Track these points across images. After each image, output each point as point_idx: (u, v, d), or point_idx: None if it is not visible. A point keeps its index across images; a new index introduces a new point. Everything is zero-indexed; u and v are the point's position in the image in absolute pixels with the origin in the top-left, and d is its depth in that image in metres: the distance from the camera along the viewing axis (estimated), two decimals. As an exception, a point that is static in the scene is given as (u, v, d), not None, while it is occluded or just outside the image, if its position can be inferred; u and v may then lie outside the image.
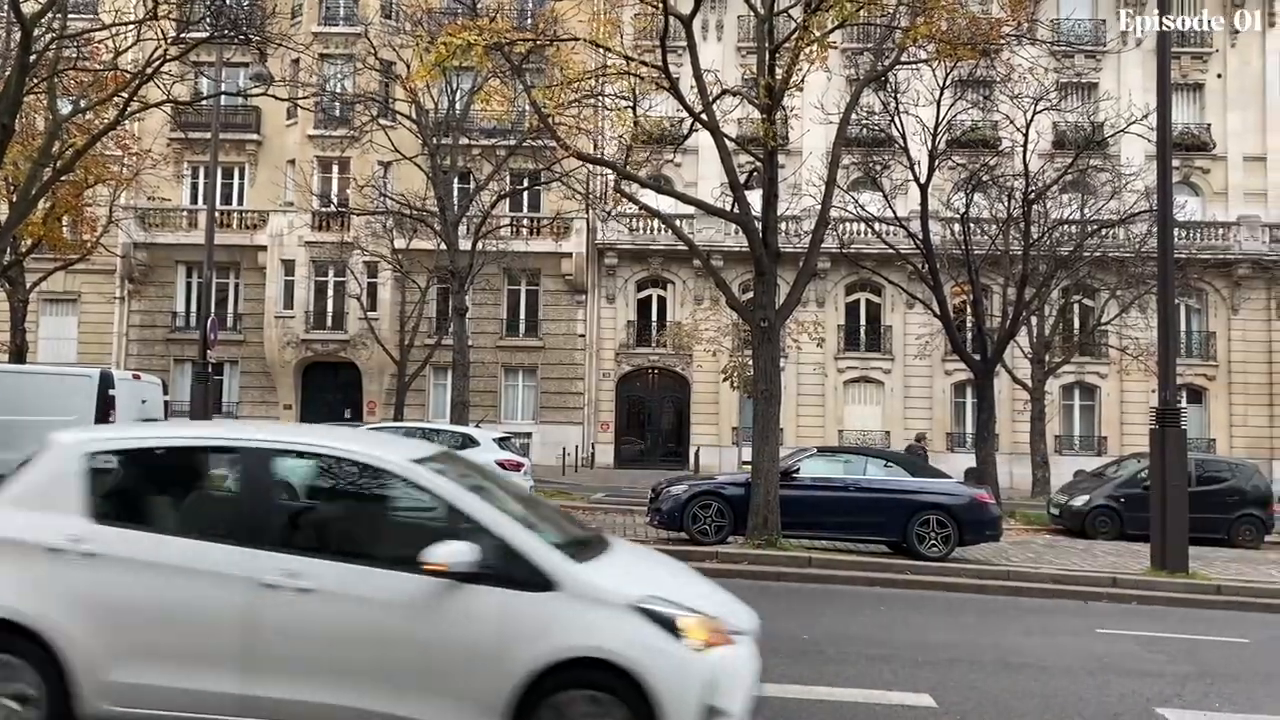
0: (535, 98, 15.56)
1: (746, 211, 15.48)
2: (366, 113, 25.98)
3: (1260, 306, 34.53)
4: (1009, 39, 18.28)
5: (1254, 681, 8.48)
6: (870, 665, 8.16)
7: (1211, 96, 35.58)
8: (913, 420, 34.46)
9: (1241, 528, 19.58)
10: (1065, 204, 26.68)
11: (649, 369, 35.94)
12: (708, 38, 34.79)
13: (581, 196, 24.14)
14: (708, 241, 31.58)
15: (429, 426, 19.15)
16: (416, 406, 32.76)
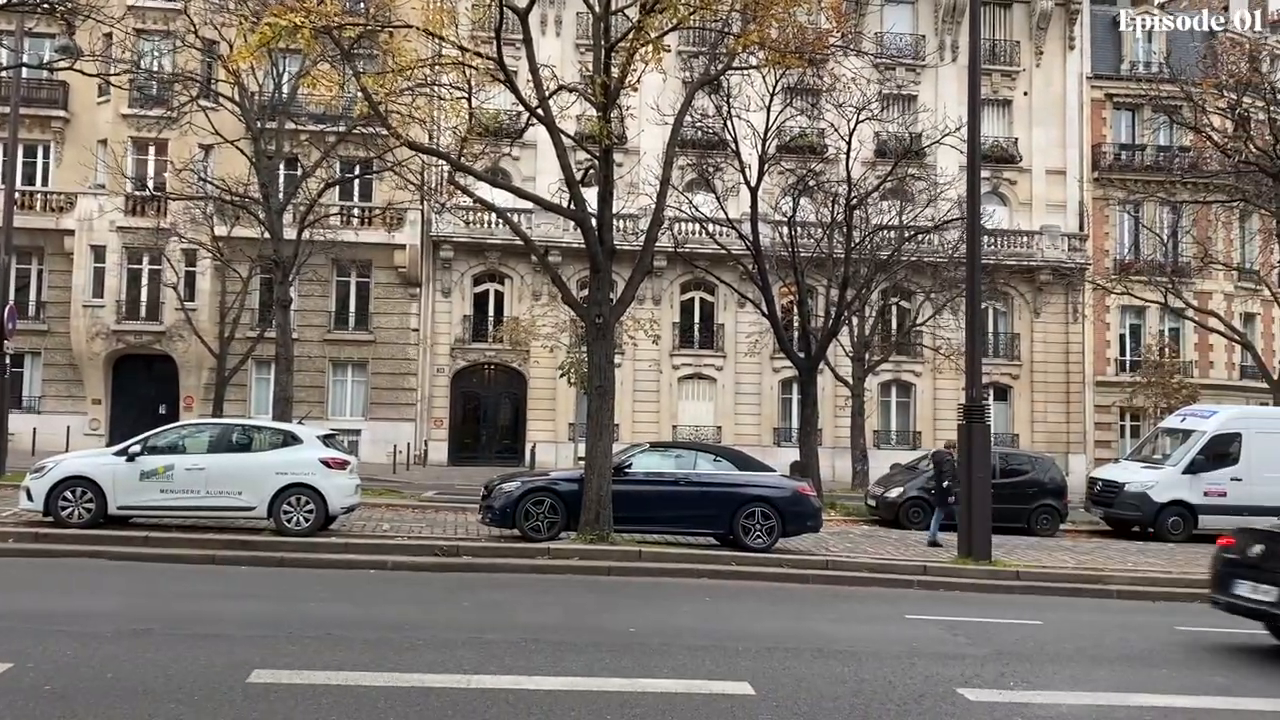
0: (365, 84, 15.16)
1: (583, 209, 15.56)
2: (186, 93, 24.67)
3: (1059, 310, 37.11)
4: (834, 49, 19.02)
5: (1045, 661, 9.12)
6: (693, 656, 8.36)
7: (1019, 112, 37.96)
8: (742, 416, 35.42)
9: (1040, 517, 20.99)
10: (885, 210, 27.99)
11: (485, 365, 35.60)
12: (546, 33, 34.70)
13: (415, 187, 23.64)
14: (545, 237, 31.52)
15: (248, 423, 18.36)
16: (237, 402, 31.41)
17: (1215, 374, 37.42)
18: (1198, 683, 8.47)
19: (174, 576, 11.64)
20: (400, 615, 9.90)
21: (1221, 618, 12.23)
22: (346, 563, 13.11)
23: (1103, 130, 38.23)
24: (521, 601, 11.07)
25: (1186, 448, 22.01)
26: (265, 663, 7.32)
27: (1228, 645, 10.64)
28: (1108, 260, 37.28)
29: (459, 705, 6.55)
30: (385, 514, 17.92)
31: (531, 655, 8.08)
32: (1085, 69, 38.20)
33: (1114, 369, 37.44)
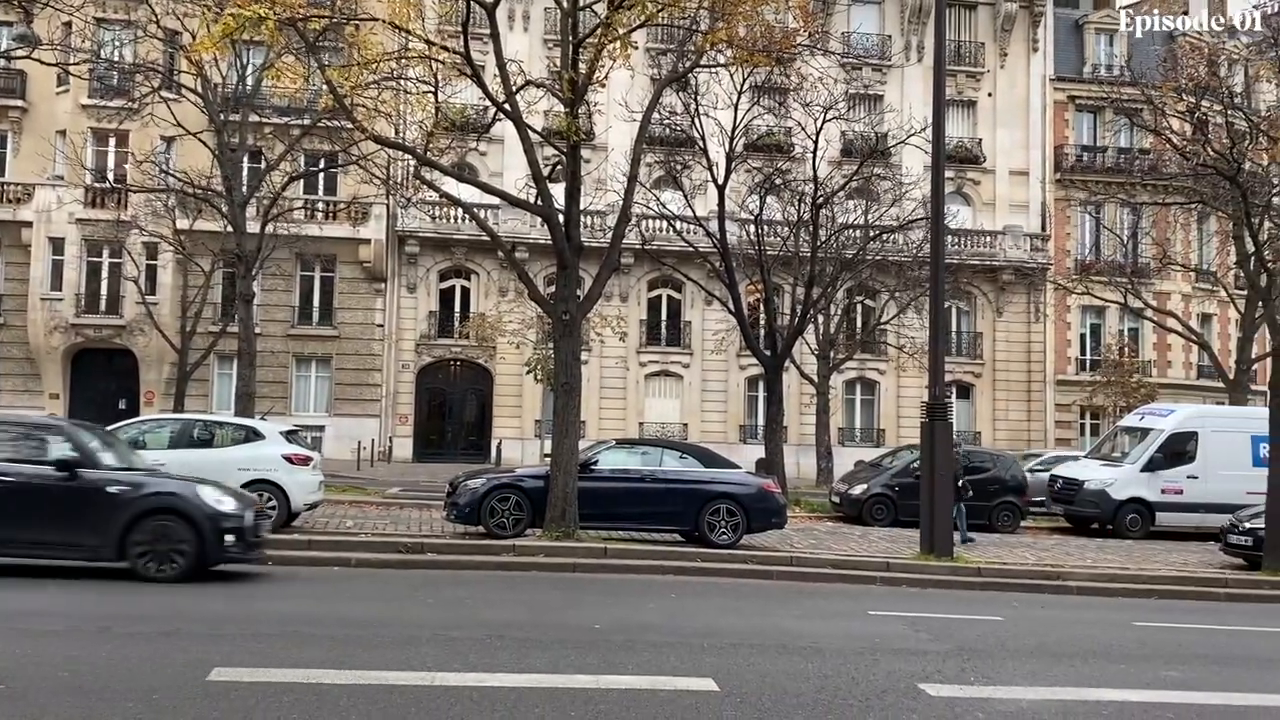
0: (331, 77, 15.01)
1: (550, 204, 15.52)
2: (147, 84, 24.33)
3: (1021, 310, 37.53)
4: (802, 48, 19.10)
5: (1005, 656, 9.23)
6: (657, 652, 8.37)
7: (983, 113, 38.33)
8: (709, 413, 35.52)
9: (1001, 513, 21.24)
10: (850, 209, 28.16)
11: (451, 361, 35.43)
12: (514, 28, 34.57)
13: (381, 182, 23.47)
14: (512, 233, 31.42)
15: (210, 419, 18.16)
16: (199, 397, 31.04)
17: (1173, 373, 38.03)
18: (1154, 677, 8.61)
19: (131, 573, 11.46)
20: (363, 613, 9.84)
21: (1178, 614, 12.44)
22: (309, 560, 12.98)
23: (1065, 132, 38.70)
24: (486, 599, 11.03)
25: (1145, 446, 22.35)
26: (225, 661, 7.24)
27: (1183, 640, 10.83)
28: (1069, 260, 37.77)
29: (422, 703, 6.52)
30: (349, 511, 17.79)
31: (496, 652, 8.05)
32: (1048, 71, 38.65)
33: (1074, 368, 37.93)
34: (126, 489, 10.76)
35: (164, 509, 10.72)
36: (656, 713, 6.57)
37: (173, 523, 10.68)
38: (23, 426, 12.08)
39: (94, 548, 10.63)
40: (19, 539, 10.58)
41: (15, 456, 10.83)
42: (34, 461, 10.75)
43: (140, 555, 10.58)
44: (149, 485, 10.99)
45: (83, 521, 10.57)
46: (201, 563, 10.81)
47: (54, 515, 10.57)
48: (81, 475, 10.65)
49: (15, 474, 10.61)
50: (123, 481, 10.86)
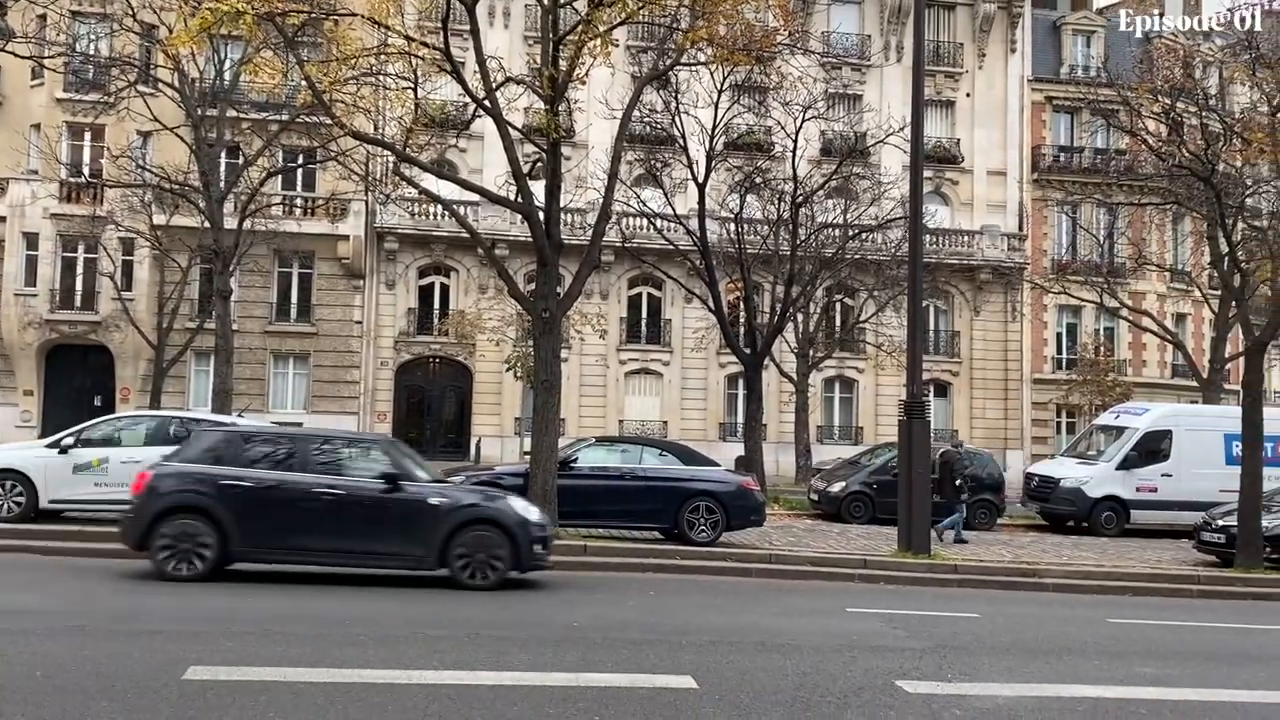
0: (309, 73, 14.94)
1: (530, 202, 15.50)
2: (123, 78, 24.08)
3: (998, 309, 37.75)
4: (781, 47, 19.14)
5: (982, 653, 9.30)
6: (636, 650, 8.38)
7: (961, 114, 38.50)
8: (689, 411, 35.54)
9: (978, 511, 21.33)
10: (830, 208, 28.23)
11: (430, 358, 35.29)
12: (494, 24, 34.45)
13: (359, 178, 23.33)
14: (492, 230, 31.32)
15: (186, 415, 17.99)
16: (176, 394, 30.81)
17: (1148, 372, 38.35)
18: (1128, 673, 8.70)
19: (107, 572, 11.39)
20: (340, 610, 9.79)
21: (1152, 611, 12.57)
22: (287, 558, 12.90)
23: (1042, 132, 38.95)
24: (464, 596, 11.00)
25: (1120, 444, 22.55)
26: (202, 659, 7.20)
27: (1157, 637, 10.94)
28: (1046, 260, 38.00)
29: (400, 700, 6.51)
30: (327, 508, 17.66)
31: (474, 650, 8.05)
32: (1026, 72, 38.87)
33: (1051, 367, 38.19)
34: (447, 501, 11.40)
35: (482, 519, 11.32)
36: (635, 710, 6.58)
37: (490, 533, 11.26)
38: (346, 441, 12.82)
39: (418, 558, 11.16)
40: (346, 549, 11.13)
41: (342, 471, 11.43)
42: (360, 476, 11.35)
43: (461, 564, 11.10)
44: (466, 497, 11.78)
45: (407, 533, 11.11)
46: (515, 570, 11.35)
47: (379, 527, 11.10)
48: (404, 488, 11.23)
49: (344, 487, 11.17)
50: (442, 494, 11.56)
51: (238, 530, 10.78)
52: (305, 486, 11.08)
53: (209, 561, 10.76)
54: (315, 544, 11.02)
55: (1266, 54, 21.61)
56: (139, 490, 11.03)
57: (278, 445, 11.69)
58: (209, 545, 10.74)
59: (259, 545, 10.97)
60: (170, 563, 10.70)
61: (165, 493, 10.90)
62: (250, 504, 10.87)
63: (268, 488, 11.02)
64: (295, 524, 10.95)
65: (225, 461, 11.20)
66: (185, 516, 10.75)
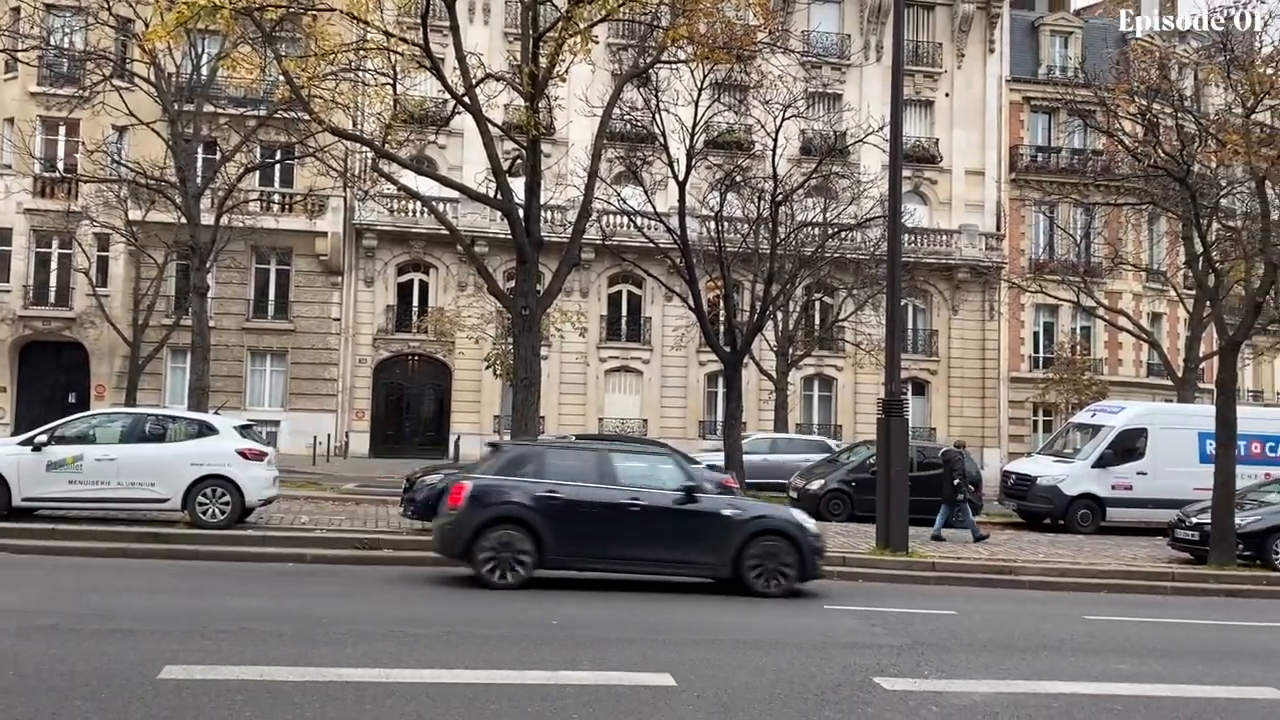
0: (287, 68, 14.84)
1: (510, 199, 15.48)
2: (99, 72, 23.84)
3: (976, 308, 37.98)
4: (762, 46, 19.15)
5: (959, 650, 9.35)
6: (615, 647, 8.38)
7: (940, 113, 38.70)
8: (668, 409, 35.56)
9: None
10: (809, 207, 28.29)
11: (409, 355, 35.16)
12: (474, 20, 34.35)
13: (338, 174, 23.19)
14: (471, 227, 31.22)
15: (162, 412, 17.84)
16: (152, 391, 30.55)
17: (1124, 371, 38.69)
18: (1103, 670, 8.77)
19: (82, 570, 11.30)
20: (318, 609, 9.73)
21: (1127, 608, 12.67)
22: (263, 556, 12.85)
23: (1020, 132, 39.20)
24: (442, 594, 10.98)
25: (1096, 443, 22.71)
26: (177, 658, 7.14)
27: (1132, 633, 11.03)
28: (1023, 260, 38.23)
29: (378, 699, 6.48)
30: (304, 506, 17.60)
31: (452, 648, 8.02)
32: (1004, 72, 39.11)
33: (1028, 365, 38.46)
34: (739, 512, 11.99)
35: (771, 530, 11.87)
36: (614, 708, 6.58)
37: (778, 543, 11.79)
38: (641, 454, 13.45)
39: (713, 566, 11.75)
40: (650, 558, 11.72)
41: (640, 483, 11.90)
42: (659, 487, 11.86)
43: (755, 574, 11.62)
44: (754, 509, 12.40)
45: (704, 542, 11.64)
46: (800, 580, 11.81)
47: (678, 537, 11.63)
48: (699, 500, 11.78)
49: (647, 499, 11.68)
50: (734, 505, 12.25)
51: (553, 540, 11.28)
52: (612, 498, 11.65)
53: (528, 569, 11.22)
54: (622, 553, 11.61)
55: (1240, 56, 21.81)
56: (458, 502, 11.47)
57: (580, 459, 12.31)
58: (528, 554, 11.23)
59: (573, 554, 11.52)
60: (495, 572, 11.16)
61: (487, 504, 11.38)
62: (564, 515, 11.40)
63: (579, 499, 11.55)
64: (604, 534, 11.52)
65: (532, 474, 11.78)
66: (506, 527, 11.26)
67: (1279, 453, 22.80)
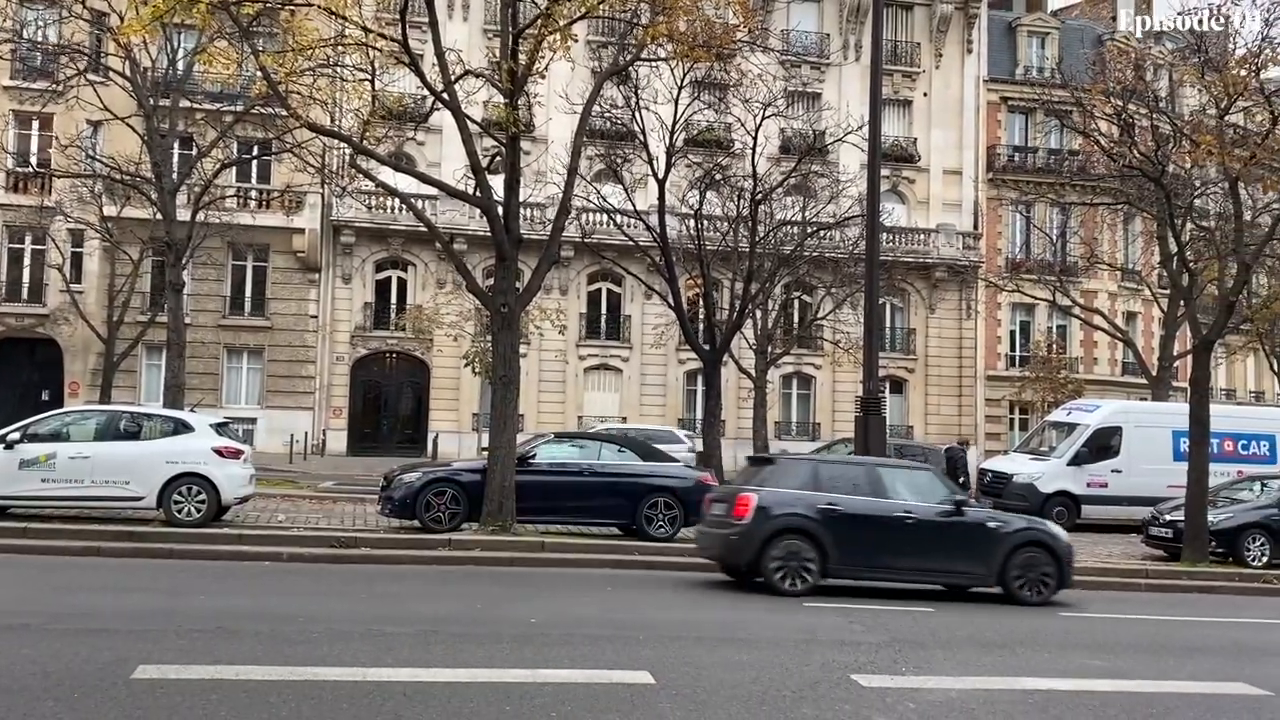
0: (265, 63, 14.72)
1: (489, 196, 15.41)
2: (73, 66, 23.60)
3: (953, 306, 38.18)
4: (741, 45, 19.15)
5: (936, 647, 9.39)
6: (594, 646, 8.37)
7: (918, 113, 38.87)
8: (648, 406, 35.56)
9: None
10: (788, 206, 28.36)
11: (387, 353, 35.00)
12: (453, 16, 34.21)
13: (315, 170, 23.05)
14: (450, 224, 31.09)
15: (137, 410, 17.68)
16: (126, 388, 30.28)
17: (1099, 370, 39.01)
18: (1079, 666, 8.84)
19: (55, 569, 11.18)
20: (295, 608, 9.67)
21: (1102, 604, 12.77)
22: (239, 554, 12.77)
23: (998, 132, 39.42)
24: (420, 593, 10.94)
25: (1071, 441, 22.89)
26: (151, 657, 7.08)
27: (1106, 630, 11.13)
28: (1000, 259, 38.50)
29: (354, 698, 6.44)
30: (281, 505, 17.50)
31: (430, 647, 7.99)
32: (982, 72, 39.31)
33: (1004, 364, 38.71)
34: (1002, 525, 12.68)
35: (1033, 542, 12.52)
36: (592, 706, 6.57)
37: (1039, 554, 12.48)
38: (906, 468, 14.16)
39: (981, 576, 12.45)
40: (923, 568, 12.38)
41: (908, 495, 12.49)
42: (927, 500, 12.48)
43: (1019, 583, 12.28)
44: (1016, 521, 13.00)
45: (972, 553, 12.32)
46: (1060, 588, 12.48)
47: (948, 547, 12.29)
48: (965, 513, 12.49)
49: (919, 511, 12.30)
50: (996, 518, 12.96)
51: (836, 550, 11.88)
52: (887, 510, 12.23)
53: (815, 577, 11.81)
54: (898, 563, 12.27)
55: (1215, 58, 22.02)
56: (744, 514, 11.98)
57: (851, 472, 12.88)
58: (813, 563, 11.84)
59: (852, 564, 12.09)
60: (785, 580, 11.77)
61: (774, 516, 11.90)
62: (844, 526, 11.97)
63: (858, 512, 12.11)
64: (881, 544, 12.12)
65: (808, 487, 12.32)
66: (792, 538, 11.85)
67: (1251, 451, 23.06)
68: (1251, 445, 23.16)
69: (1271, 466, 22.01)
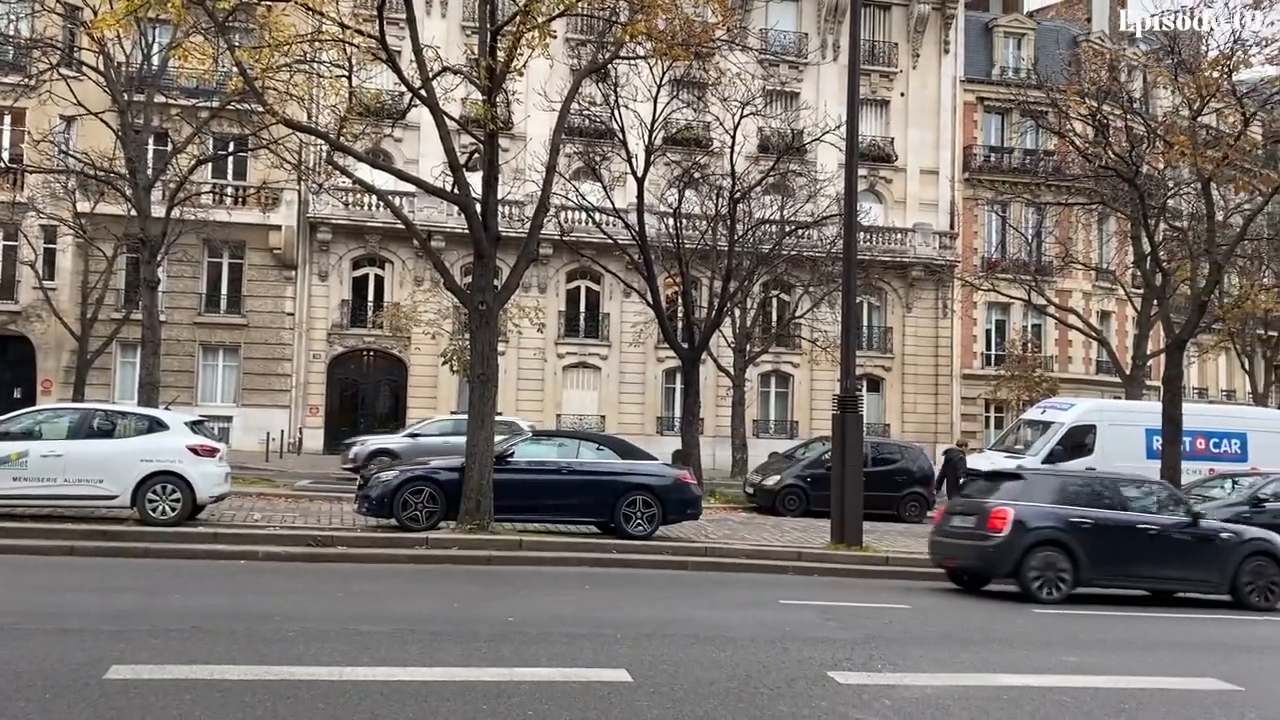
0: (241, 59, 14.62)
1: (467, 193, 15.37)
2: (45, 60, 23.34)
3: (930, 305, 38.40)
4: (720, 43, 19.19)
5: (911, 644, 9.45)
6: (571, 644, 8.37)
7: (896, 113, 39.04)
8: (626, 405, 35.58)
9: (909, 504, 21.68)
10: (767, 205, 28.44)
11: (364, 351, 34.84)
12: (431, 13, 34.07)
13: (292, 166, 22.91)
14: (428, 221, 30.97)
15: (111, 408, 17.53)
16: (100, 386, 30.00)
17: (1074, 368, 39.33)
18: (1052, 662, 8.92)
19: (27, 569, 11.07)
20: (270, 607, 9.62)
21: (1075, 602, 12.87)
22: (215, 553, 12.69)
23: (974, 132, 39.66)
24: (397, 592, 10.91)
25: (1046, 438, 23.08)
26: (125, 658, 7.03)
27: (1080, 626, 11.22)
28: (976, 258, 38.74)
29: (330, 698, 6.42)
30: (257, 503, 17.39)
31: (406, 646, 7.96)
32: (958, 73, 39.54)
33: (980, 363, 38.96)
34: (1234, 535, 13.40)
35: (1262, 552, 13.26)
36: (570, 704, 6.57)
37: (1265, 562, 13.22)
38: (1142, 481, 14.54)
39: (1214, 584, 13.24)
40: (1156, 575, 13.14)
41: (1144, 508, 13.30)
42: (1161, 512, 13.30)
43: (1249, 590, 13.09)
44: (1246, 532, 13.62)
45: (1206, 562, 13.11)
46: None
47: (1185, 557, 13.03)
48: (1200, 525, 13.18)
49: (1159, 523, 13.07)
50: (1227, 529, 13.56)
51: (1087, 560, 12.58)
52: (1131, 522, 13.02)
53: (1069, 586, 12.53)
54: (1141, 571, 13.00)
55: (1187, 60, 22.27)
56: (1001, 527, 12.70)
57: (1091, 485, 13.69)
58: (1067, 573, 12.54)
59: (1102, 573, 12.80)
60: (1043, 589, 12.48)
61: (1031, 529, 12.63)
62: (1093, 538, 12.70)
63: (1106, 523, 12.86)
64: (1127, 554, 12.86)
65: (1055, 501, 13.01)
66: (1048, 549, 12.58)
67: (1223, 448, 23.36)
68: (1223, 443, 23.46)
69: (1243, 464, 22.28)
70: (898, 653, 8.88)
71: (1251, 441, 23.58)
